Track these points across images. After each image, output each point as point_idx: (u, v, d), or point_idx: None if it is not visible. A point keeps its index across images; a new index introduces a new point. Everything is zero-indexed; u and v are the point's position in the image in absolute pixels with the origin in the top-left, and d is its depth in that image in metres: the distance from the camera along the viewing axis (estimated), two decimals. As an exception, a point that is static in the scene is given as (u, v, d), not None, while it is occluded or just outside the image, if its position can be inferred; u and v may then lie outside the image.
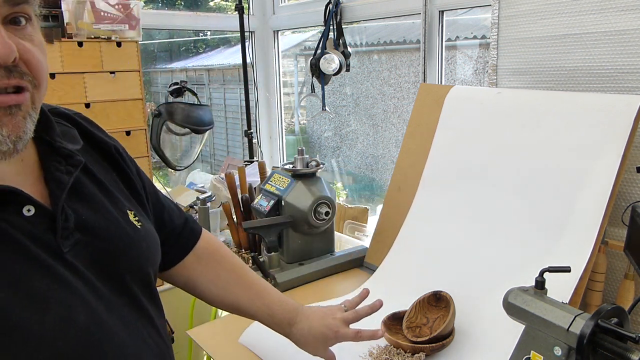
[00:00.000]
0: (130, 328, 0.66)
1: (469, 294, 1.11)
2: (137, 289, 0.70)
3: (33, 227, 0.59)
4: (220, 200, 2.02)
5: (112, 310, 0.64)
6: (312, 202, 1.39)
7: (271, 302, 0.92)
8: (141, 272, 0.72)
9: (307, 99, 2.84)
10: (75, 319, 0.59)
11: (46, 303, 0.56)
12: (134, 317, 0.68)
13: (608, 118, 1.05)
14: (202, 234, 0.93)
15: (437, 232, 1.27)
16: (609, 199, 1.01)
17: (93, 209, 0.67)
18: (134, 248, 0.71)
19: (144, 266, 0.72)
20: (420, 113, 1.44)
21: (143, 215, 0.77)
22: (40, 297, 0.56)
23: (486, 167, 1.23)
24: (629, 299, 1.04)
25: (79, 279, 0.61)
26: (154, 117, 1.98)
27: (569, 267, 0.84)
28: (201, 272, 0.91)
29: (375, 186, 2.65)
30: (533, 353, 0.80)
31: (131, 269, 0.69)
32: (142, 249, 0.72)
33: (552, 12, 1.22)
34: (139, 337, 0.67)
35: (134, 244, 0.71)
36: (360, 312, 0.93)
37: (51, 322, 0.56)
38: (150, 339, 0.70)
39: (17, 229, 0.57)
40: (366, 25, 2.53)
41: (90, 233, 0.65)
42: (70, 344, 0.58)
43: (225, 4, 2.89)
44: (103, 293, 0.64)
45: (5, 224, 0.57)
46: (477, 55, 2.11)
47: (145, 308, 0.71)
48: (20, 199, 0.59)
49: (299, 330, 0.91)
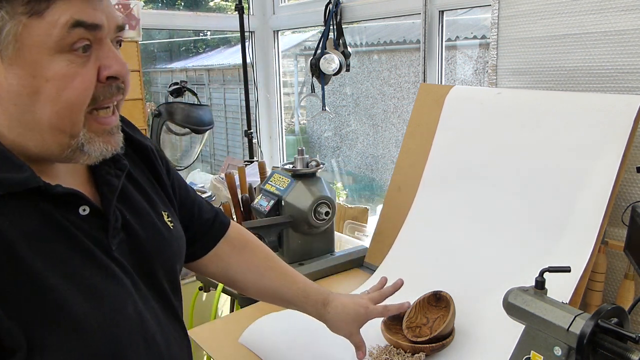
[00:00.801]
0: (161, 322, 0.71)
1: (469, 294, 1.11)
2: (166, 285, 0.75)
3: (88, 226, 0.63)
4: (220, 200, 2.02)
5: (147, 304, 0.69)
6: (312, 202, 1.39)
7: (305, 286, 0.97)
8: (172, 270, 0.77)
9: (307, 99, 2.84)
10: (125, 311, 0.64)
11: (100, 295, 0.61)
12: (164, 312, 0.73)
13: (608, 118, 1.05)
14: (231, 225, 0.97)
15: (437, 232, 1.27)
16: (609, 199, 1.01)
17: (134, 210, 0.72)
18: (168, 248, 0.76)
19: (174, 264, 0.77)
20: (420, 113, 1.44)
21: (174, 216, 0.82)
22: (95, 290, 0.61)
23: (486, 167, 1.23)
24: (629, 299, 1.04)
25: (125, 275, 0.66)
26: (154, 117, 1.98)
27: (569, 267, 0.84)
28: (236, 261, 0.96)
29: (375, 186, 2.65)
30: (533, 353, 0.80)
31: (164, 268, 0.74)
32: (174, 248, 0.78)
33: (552, 12, 1.22)
34: (168, 331, 0.73)
35: (167, 245, 0.76)
36: (384, 292, 1.01)
37: (106, 312, 0.61)
38: (176, 333, 0.75)
39: (76, 227, 0.62)
40: (366, 25, 2.53)
41: (132, 233, 0.70)
42: (123, 333, 0.63)
43: (225, 4, 2.89)
44: (141, 288, 0.68)
45: (67, 222, 0.61)
46: (477, 55, 2.11)
47: (173, 304, 0.76)
48: (80, 200, 0.63)
49: (333, 309, 0.95)
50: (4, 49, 0.55)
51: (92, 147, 0.62)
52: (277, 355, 1.03)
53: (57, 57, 0.56)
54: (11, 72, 0.55)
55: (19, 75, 0.55)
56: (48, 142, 0.59)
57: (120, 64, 0.61)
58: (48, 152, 0.60)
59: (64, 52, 0.56)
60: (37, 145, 0.59)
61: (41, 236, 0.58)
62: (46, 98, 0.57)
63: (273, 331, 1.09)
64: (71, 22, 0.55)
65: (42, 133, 0.58)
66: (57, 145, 0.60)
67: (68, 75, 0.57)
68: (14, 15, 0.54)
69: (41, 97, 0.56)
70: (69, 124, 0.59)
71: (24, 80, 0.56)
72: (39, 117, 0.57)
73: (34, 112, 0.57)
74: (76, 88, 0.58)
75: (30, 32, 0.54)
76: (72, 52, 0.57)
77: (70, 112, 0.59)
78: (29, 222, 0.58)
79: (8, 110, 0.57)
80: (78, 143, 0.61)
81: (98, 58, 0.59)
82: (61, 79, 0.57)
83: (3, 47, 0.54)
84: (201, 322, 1.42)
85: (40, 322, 0.56)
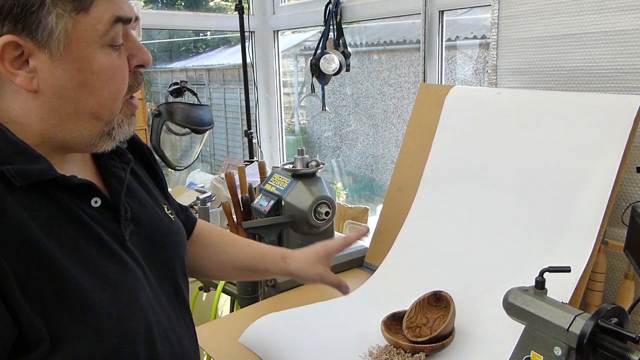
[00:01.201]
0: (173, 315, 0.72)
1: (469, 294, 1.11)
2: (179, 278, 0.77)
3: (102, 217, 0.65)
4: (220, 200, 2.02)
5: (158, 297, 0.70)
6: (312, 202, 1.39)
7: (260, 247, 1.00)
8: (180, 260, 0.78)
9: (307, 99, 2.84)
10: (139, 301, 0.65)
11: (116, 285, 0.62)
12: (177, 304, 0.75)
13: (608, 118, 1.05)
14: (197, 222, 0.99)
15: (437, 232, 1.27)
16: (609, 199, 1.01)
17: (140, 203, 0.74)
18: (173, 238, 0.78)
19: (181, 254, 0.79)
20: (420, 113, 1.44)
21: (172, 208, 0.84)
22: (112, 281, 0.62)
23: (486, 167, 1.23)
24: (629, 299, 1.04)
25: (137, 265, 0.67)
26: (154, 117, 1.98)
27: (569, 267, 0.84)
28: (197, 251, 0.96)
29: (375, 186, 2.65)
30: (533, 353, 0.80)
31: (173, 258, 0.76)
32: (179, 238, 0.80)
33: (552, 12, 1.22)
34: (178, 322, 0.74)
35: (173, 235, 0.78)
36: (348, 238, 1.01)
37: (122, 303, 0.62)
38: (187, 326, 0.77)
39: (91, 218, 0.63)
40: (366, 25, 2.53)
41: (140, 225, 0.71)
42: (137, 322, 0.64)
43: (225, 4, 2.90)
44: (152, 281, 0.70)
45: (82, 213, 0.62)
46: (477, 55, 2.11)
47: (184, 295, 0.77)
48: (92, 192, 0.64)
49: (293, 259, 0.96)
50: (55, 45, 0.57)
51: (120, 131, 0.66)
52: (277, 355, 1.03)
53: (100, 51, 0.60)
54: (59, 67, 0.58)
55: (66, 70, 0.58)
56: (82, 131, 0.62)
57: (145, 53, 0.66)
58: (75, 140, 0.63)
59: (105, 45, 0.60)
60: (67, 135, 0.62)
61: (59, 226, 0.59)
62: (91, 90, 0.60)
63: (273, 331, 1.09)
64: (113, 18, 0.60)
65: (79, 122, 0.62)
66: (89, 133, 0.63)
67: (111, 67, 0.61)
68: (65, 12, 0.57)
69: (86, 89, 0.60)
70: (109, 112, 0.63)
71: (70, 74, 0.59)
72: (81, 107, 0.61)
73: (77, 103, 0.60)
74: (118, 79, 0.63)
75: (78, 28, 0.58)
76: (111, 45, 0.61)
77: (113, 101, 0.63)
78: (46, 213, 0.59)
79: (49, 103, 0.59)
80: (110, 128, 0.64)
81: (127, 48, 0.64)
82: (105, 72, 0.61)
83: (55, 43, 0.57)
84: (201, 322, 1.42)
85: (62, 314, 0.56)
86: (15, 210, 0.56)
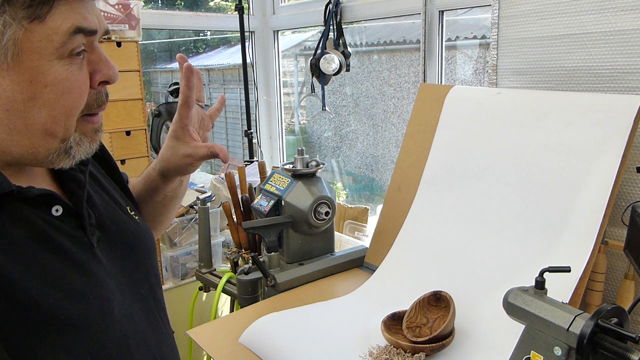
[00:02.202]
0: (150, 319, 0.69)
1: (469, 294, 1.11)
2: (152, 278, 0.73)
3: (66, 226, 0.61)
4: (220, 200, 2.02)
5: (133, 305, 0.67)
6: (312, 202, 1.39)
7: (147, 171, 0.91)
8: (152, 262, 0.75)
9: (307, 99, 2.84)
10: (112, 312, 0.61)
11: (86, 299, 0.59)
12: (155, 309, 0.72)
13: (608, 118, 1.05)
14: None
15: (437, 232, 1.27)
16: (609, 199, 1.01)
17: (102, 207, 0.70)
18: (142, 240, 0.74)
19: (151, 256, 0.75)
20: (420, 113, 1.44)
21: (136, 209, 0.79)
22: (79, 294, 0.58)
23: (486, 167, 1.23)
24: (629, 299, 1.04)
25: (107, 274, 0.64)
26: (154, 117, 1.98)
27: (569, 267, 0.84)
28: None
29: (375, 186, 2.65)
30: (533, 353, 0.80)
31: (144, 261, 0.73)
32: (147, 240, 0.76)
33: (552, 12, 1.22)
34: (158, 328, 0.71)
35: (141, 236, 0.74)
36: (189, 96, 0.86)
37: (93, 316, 0.59)
38: (165, 329, 0.73)
39: (54, 229, 0.59)
40: (366, 25, 2.53)
41: (106, 230, 0.67)
42: (111, 336, 0.60)
43: (225, 4, 2.90)
44: (125, 286, 0.66)
45: (44, 224, 0.58)
46: (477, 55, 2.11)
47: (160, 299, 0.74)
48: (53, 200, 0.61)
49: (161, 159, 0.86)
50: (2, 55, 0.52)
51: (79, 149, 0.61)
52: (277, 355, 1.03)
53: (56, 63, 0.55)
54: (7, 78, 0.53)
55: (15, 81, 0.54)
56: (37, 147, 0.58)
57: (110, 68, 0.61)
58: (32, 156, 0.58)
59: (63, 57, 0.56)
60: (22, 150, 0.57)
61: (17, 244, 0.55)
62: (43, 103, 0.55)
63: (273, 331, 1.09)
64: (73, 28, 0.55)
65: (32, 138, 0.57)
66: (45, 150, 0.58)
67: (67, 80, 0.56)
68: (14, 20, 0.52)
69: (37, 103, 0.55)
70: (62, 128, 0.58)
71: (20, 86, 0.54)
72: (32, 122, 0.56)
73: (26, 117, 0.55)
74: (74, 93, 0.58)
75: (31, 38, 0.53)
76: (70, 57, 0.56)
77: (67, 117, 0.58)
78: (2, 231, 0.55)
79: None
80: (66, 146, 0.59)
81: (90, 62, 0.59)
82: (60, 84, 0.56)
83: (1, 52, 0.52)
84: (201, 322, 1.42)
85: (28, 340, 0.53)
86: None
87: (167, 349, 0.71)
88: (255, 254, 1.37)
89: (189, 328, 1.36)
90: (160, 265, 1.92)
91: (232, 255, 1.73)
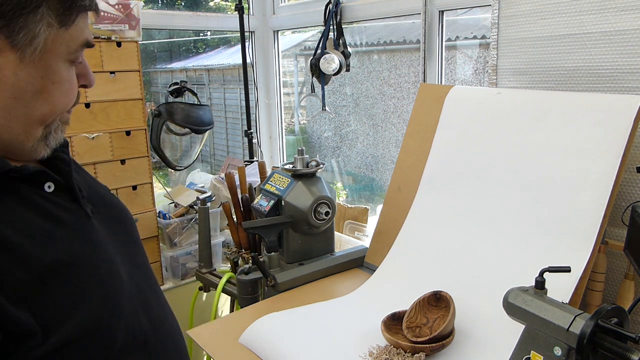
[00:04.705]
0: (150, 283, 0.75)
1: (469, 294, 1.11)
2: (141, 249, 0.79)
3: (61, 200, 0.66)
4: (220, 200, 2.02)
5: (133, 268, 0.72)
6: (312, 202, 1.39)
7: None
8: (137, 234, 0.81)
9: (307, 99, 2.84)
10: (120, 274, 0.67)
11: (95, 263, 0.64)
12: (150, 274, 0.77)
13: (608, 118, 1.05)
14: None
15: (437, 232, 1.27)
16: (609, 199, 1.01)
17: (85, 184, 0.75)
18: (127, 214, 0.80)
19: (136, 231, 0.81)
20: (420, 113, 1.44)
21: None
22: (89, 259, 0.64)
23: (486, 167, 1.23)
24: (629, 299, 1.04)
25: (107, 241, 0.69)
26: (154, 117, 1.98)
27: (569, 267, 0.84)
28: None
29: (375, 186, 2.65)
30: (533, 353, 0.80)
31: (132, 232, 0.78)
32: (130, 214, 0.82)
33: (552, 12, 1.22)
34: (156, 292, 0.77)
35: (125, 211, 0.81)
36: None
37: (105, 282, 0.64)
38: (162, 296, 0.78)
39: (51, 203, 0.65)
40: (366, 25, 2.53)
41: (95, 203, 0.72)
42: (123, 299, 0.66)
43: (225, 4, 2.90)
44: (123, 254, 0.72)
45: (42, 200, 0.64)
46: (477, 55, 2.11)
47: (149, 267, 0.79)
48: (46, 177, 0.66)
49: None
50: (30, 49, 0.59)
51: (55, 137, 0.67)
52: (277, 355, 1.03)
53: (63, 65, 0.64)
54: (24, 70, 0.60)
55: (31, 74, 0.60)
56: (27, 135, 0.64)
57: (91, 75, 0.71)
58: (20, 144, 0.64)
59: (67, 61, 0.64)
60: (12, 137, 0.63)
61: (22, 218, 0.60)
62: (47, 98, 0.63)
63: (273, 331, 1.09)
64: (85, 41, 0.65)
65: (26, 125, 0.63)
66: (33, 138, 0.64)
67: (68, 81, 0.65)
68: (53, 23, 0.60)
69: (42, 96, 0.62)
70: (54, 119, 0.66)
71: (33, 79, 0.61)
72: (33, 112, 0.62)
73: (30, 107, 0.62)
74: (71, 92, 0.66)
75: (55, 41, 0.61)
76: (72, 62, 0.65)
77: (62, 110, 0.66)
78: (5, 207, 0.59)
79: (2, 102, 0.60)
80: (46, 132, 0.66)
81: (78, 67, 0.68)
82: (64, 84, 0.64)
83: (31, 48, 0.59)
84: (201, 322, 1.42)
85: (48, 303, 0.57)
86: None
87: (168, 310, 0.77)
88: (255, 254, 1.37)
89: (189, 328, 1.36)
90: (160, 265, 1.92)
91: (232, 255, 1.73)
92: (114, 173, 1.74)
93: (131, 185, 1.78)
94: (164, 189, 2.17)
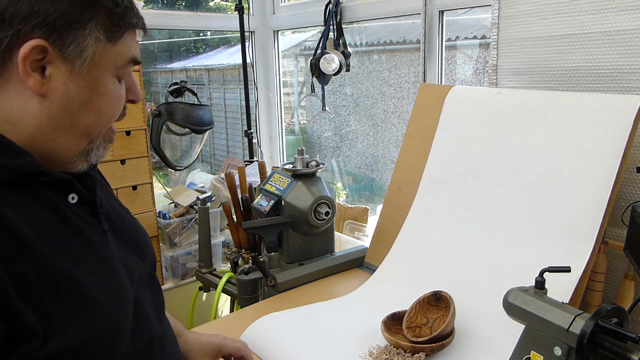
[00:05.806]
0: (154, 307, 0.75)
1: (469, 294, 1.11)
2: (153, 273, 0.79)
3: (82, 212, 0.67)
4: (220, 200, 2.02)
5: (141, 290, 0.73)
6: (312, 202, 1.39)
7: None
8: (152, 256, 0.81)
9: (307, 99, 2.84)
10: (126, 293, 0.68)
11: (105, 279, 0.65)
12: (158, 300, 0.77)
13: (608, 118, 1.05)
14: None
15: (437, 232, 1.27)
16: (609, 199, 1.01)
17: (107, 203, 0.76)
18: (145, 239, 0.81)
19: (152, 253, 0.81)
20: (420, 113, 1.44)
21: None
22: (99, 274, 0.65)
23: (486, 167, 1.23)
24: (629, 299, 1.04)
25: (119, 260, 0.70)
26: (154, 117, 1.98)
27: (569, 267, 0.84)
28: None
29: (375, 186, 2.65)
30: (533, 353, 0.80)
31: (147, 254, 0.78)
32: (147, 239, 0.82)
33: (552, 12, 1.22)
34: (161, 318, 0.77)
35: (143, 234, 0.81)
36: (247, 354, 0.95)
37: (112, 295, 0.65)
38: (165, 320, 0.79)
39: (72, 213, 0.66)
40: (366, 25, 2.53)
41: (112, 222, 0.73)
42: (127, 315, 0.66)
43: (225, 4, 2.90)
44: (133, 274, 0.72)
45: (65, 208, 0.65)
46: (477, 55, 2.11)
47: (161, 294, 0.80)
48: (71, 187, 0.67)
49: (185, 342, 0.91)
50: (79, 62, 0.62)
51: (97, 153, 0.69)
52: (277, 355, 1.03)
53: (111, 79, 0.66)
54: (74, 81, 0.63)
55: (79, 86, 0.63)
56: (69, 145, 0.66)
57: (139, 91, 0.73)
58: (62, 154, 0.66)
59: (114, 75, 0.67)
60: (55, 146, 0.65)
61: (44, 221, 0.61)
62: (93, 109, 0.65)
63: (273, 331, 1.10)
64: (132, 58, 0.69)
65: (70, 136, 0.65)
66: (75, 148, 0.66)
67: (114, 94, 0.67)
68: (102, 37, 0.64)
69: (88, 107, 0.65)
70: (98, 133, 0.68)
71: (81, 90, 0.64)
72: (78, 122, 0.65)
73: (76, 117, 0.64)
74: (117, 106, 0.69)
75: (102, 55, 0.64)
76: (118, 77, 0.68)
77: (106, 124, 0.69)
78: (30, 208, 0.60)
79: (51, 110, 0.63)
80: (89, 148, 0.68)
81: (126, 83, 0.71)
82: (110, 96, 0.67)
83: (80, 60, 0.62)
84: (201, 322, 1.42)
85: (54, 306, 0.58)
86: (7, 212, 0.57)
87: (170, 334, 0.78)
88: (255, 254, 1.37)
89: (189, 328, 1.36)
90: (160, 265, 1.92)
91: (232, 255, 1.73)
92: (114, 173, 1.74)
93: (131, 185, 1.78)
94: (164, 189, 2.17)
